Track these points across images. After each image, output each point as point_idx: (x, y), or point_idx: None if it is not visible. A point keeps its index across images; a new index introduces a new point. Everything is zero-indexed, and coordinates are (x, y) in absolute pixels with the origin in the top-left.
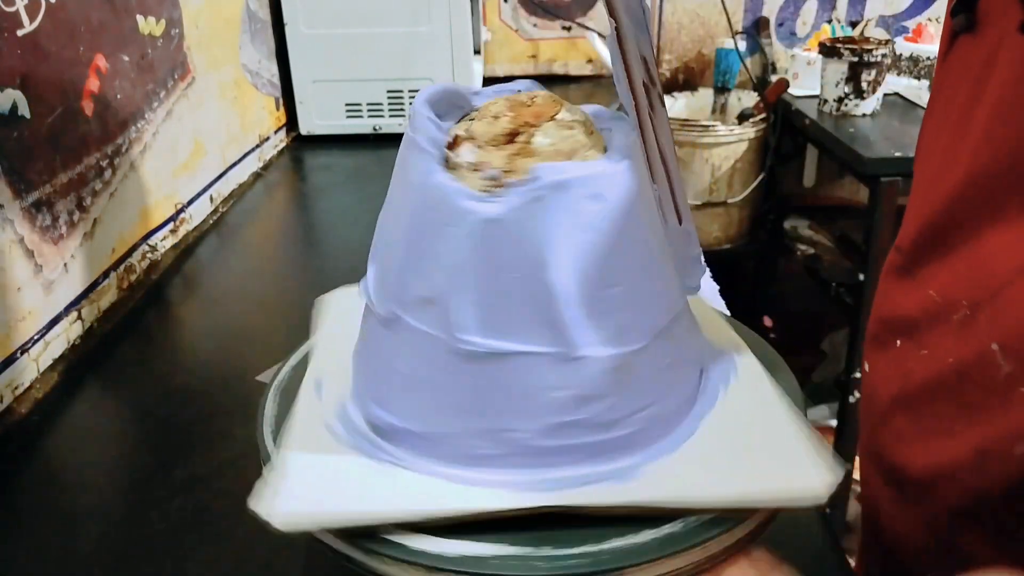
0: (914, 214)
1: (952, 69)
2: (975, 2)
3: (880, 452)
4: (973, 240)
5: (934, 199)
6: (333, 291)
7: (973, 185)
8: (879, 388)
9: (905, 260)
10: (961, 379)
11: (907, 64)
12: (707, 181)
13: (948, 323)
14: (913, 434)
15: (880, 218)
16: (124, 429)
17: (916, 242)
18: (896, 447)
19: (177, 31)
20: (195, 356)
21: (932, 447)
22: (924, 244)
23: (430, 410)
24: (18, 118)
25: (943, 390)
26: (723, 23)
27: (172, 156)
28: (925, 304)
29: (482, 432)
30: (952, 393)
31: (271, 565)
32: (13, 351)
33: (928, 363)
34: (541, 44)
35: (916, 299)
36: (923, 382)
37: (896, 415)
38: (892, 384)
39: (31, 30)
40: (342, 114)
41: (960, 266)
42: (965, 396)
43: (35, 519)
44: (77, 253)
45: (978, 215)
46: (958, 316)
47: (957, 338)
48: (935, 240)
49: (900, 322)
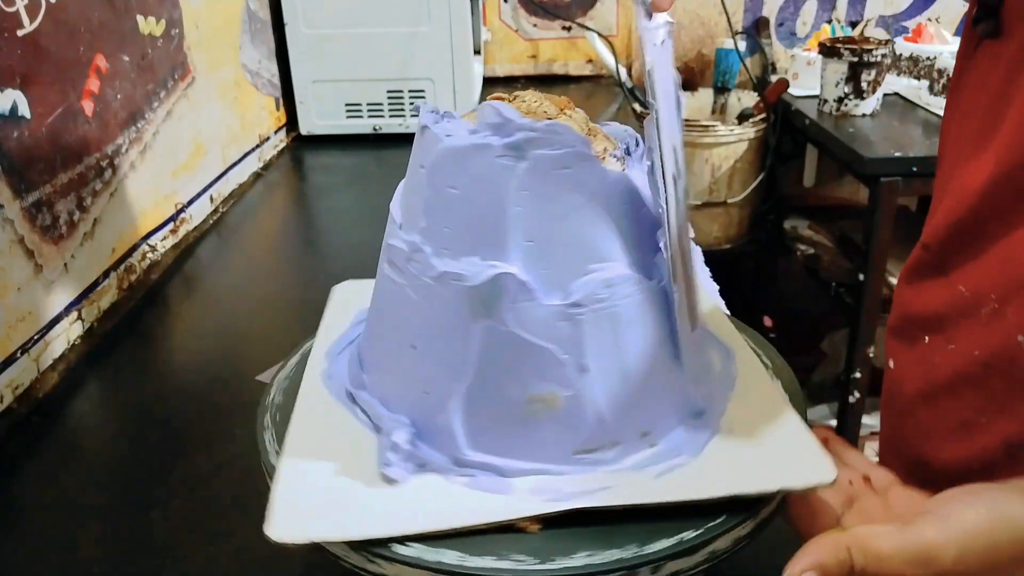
0: (942, 212)
1: (976, 73)
2: (998, 9)
3: (903, 446)
4: (1004, 235)
5: (962, 197)
6: (345, 283)
7: (1004, 182)
8: (904, 383)
9: (934, 258)
10: (987, 372)
11: (907, 64)
12: (707, 181)
13: (976, 317)
14: (938, 428)
15: (880, 218)
16: (124, 429)
17: (944, 239)
18: (920, 441)
19: (177, 31)
20: (195, 356)
21: (958, 441)
22: (953, 241)
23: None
24: (18, 118)
25: (969, 383)
26: (723, 23)
27: (172, 156)
28: (954, 300)
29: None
30: (978, 386)
31: (271, 565)
32: (13, 351)
33: (955, 357)
34: (541, 44)
35: (945, 295)
36: (949, 376)
37: (920, 409)
38: (917, 379)
39: (31, 30)
40: (342, 114)
41: (990, 261)
42: (991, 389)
43: (35, 518)
44: (77, 253)
45: (1009, 211)
46: (986, 310)
47: (984, 332)
48: (965, 237)
49: (927, 318)
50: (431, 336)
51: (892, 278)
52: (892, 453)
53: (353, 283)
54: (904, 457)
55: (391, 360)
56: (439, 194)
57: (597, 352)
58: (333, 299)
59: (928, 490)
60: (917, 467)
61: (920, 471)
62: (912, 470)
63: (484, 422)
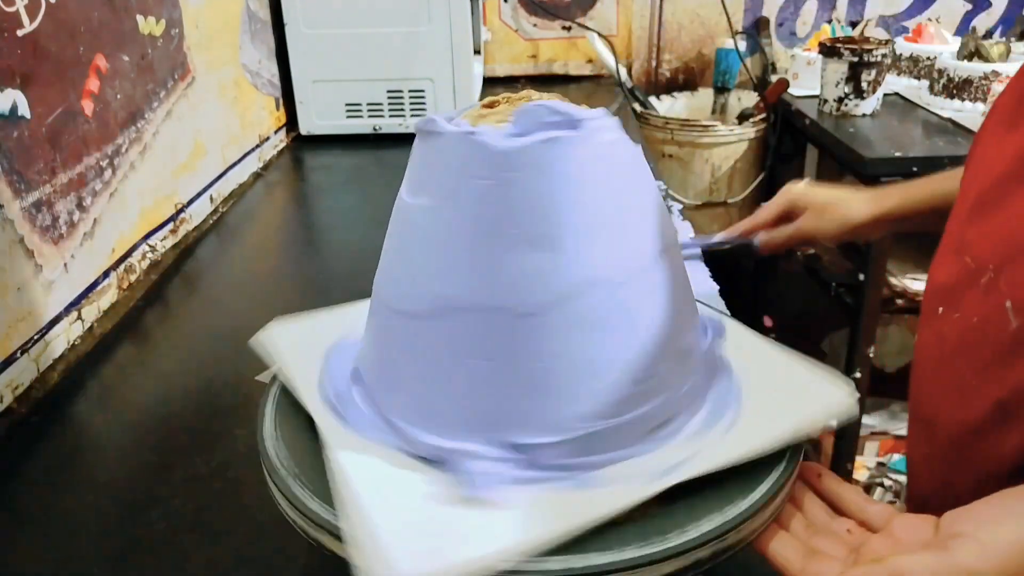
0: (964, 190)
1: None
2: None
3: (917, 412)
4: (1009, 208)
5: (984, 180)
6: (269, 326)
7: (1018, 160)
8: (923, 353)
9: (953, 238)
10: (982, 337)
11: (907, 64)
12: (707, 181)
13: (977, 286)
14: (943, 391)
15: None
16: (124, 429)
17: (964, 219)
18: (930, 405)
19: (177, 31)
20: (195, 356)
21: (958, 403)
22: (971, 217)
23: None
24: (18, 118)
25: (968, 348)
26: (723, 23)
27: (172, 156)
28: (962, 271)
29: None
30: (975, 351)
31: (271, 565)
32: (13, 351)
33: (959, 324)
34: (541, 44)
35: (956, 267)
36: (954, 342)
37: (930, 375)
38: (932, 347)
39: (31, 30)
40: (342, 114)
41: (993, 232)
42: (984, 353)
43: (35, 519)
44: (77, 253)
45: (1018, 186)
46: (984, 279)
47: (981, 299)
48: (981, 211)
49: (943, 291)
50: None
51: (892, 278)
52: (917, 424)
53: (282, 324)
54: (918, 423)
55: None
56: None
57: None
58: (277, 341)
59: (936, 462)
60: (927, 430)
61: (929, 433)
62: (924, 434)
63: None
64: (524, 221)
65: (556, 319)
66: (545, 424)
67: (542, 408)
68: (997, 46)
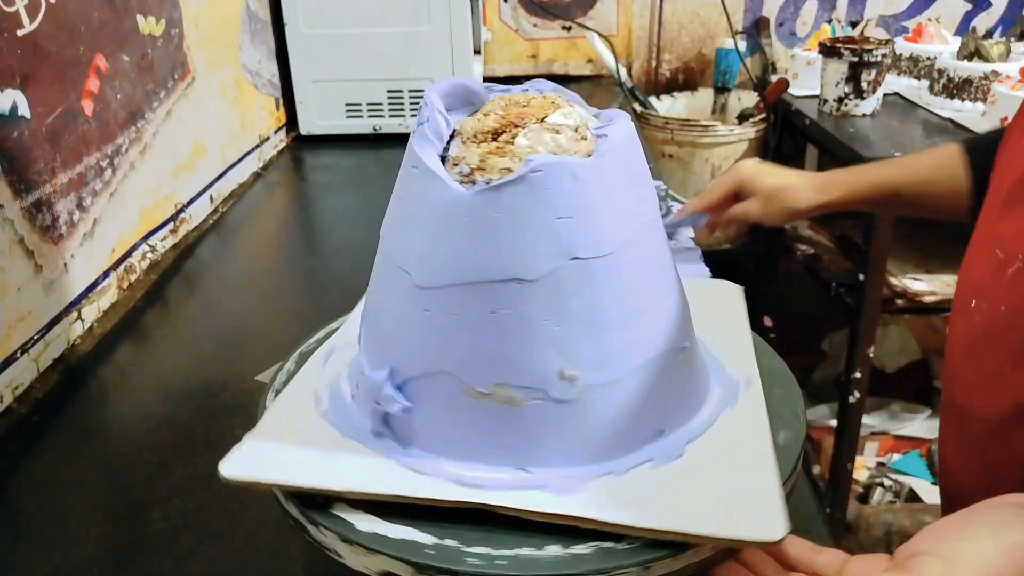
0: (994, 191)
1: None
2: None
3: (950, 404)
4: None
5: (1014, 174)
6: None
7: None
8: (955, 345)
9: (987, 235)
10: (1009, 326)
11: (907, 64)
12: (707, 181)
13: (1004, 276)
14: (974, 379)
15: (880, 218)
16: (124, 429)
17: (995, 215)
18: (961, 395)
19: (177, 31)
20: (195, 356)
21: (988, 392)
22: (1001, 214)
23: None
24: (18, 118)
25: (995, 338)
26: (723, 23)
27: (172, 156)
28: (991, 262)
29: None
30: (1004, 339)
31: (271, 565)
32: (13, 351)
33: (988, 314)
34: (541, 44)
35: (987, 260)
36: (982, 331)
37: (961, 365)
38: (963, 337)
39: (31, 30)
40: (342, 114)
41: (1020, 222)
42: (1012, 341)
43: (35, 519)
44: (77, 253)
45: None
46: (1012, 269)
47: (1009, 288)
48: (1009, 207)
49: (975, 284)
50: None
51: (892, 278)
52: (947, 414)
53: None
54: (951, 416)
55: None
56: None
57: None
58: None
59: (972, 453)
60: (960, 422)
61: (962, 425)
62: (957, 427)
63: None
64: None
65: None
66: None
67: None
68: (997, 46)
